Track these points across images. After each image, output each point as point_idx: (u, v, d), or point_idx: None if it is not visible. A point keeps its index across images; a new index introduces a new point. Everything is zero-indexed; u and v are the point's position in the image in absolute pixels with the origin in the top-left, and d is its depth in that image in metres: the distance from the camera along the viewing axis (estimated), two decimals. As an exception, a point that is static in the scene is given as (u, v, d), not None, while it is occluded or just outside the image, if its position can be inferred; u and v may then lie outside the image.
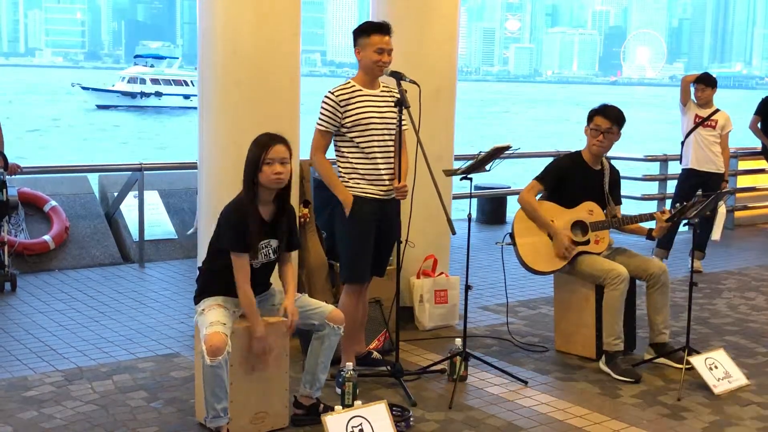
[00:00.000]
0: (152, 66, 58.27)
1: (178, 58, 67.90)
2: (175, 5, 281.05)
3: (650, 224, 5.38)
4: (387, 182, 4.70)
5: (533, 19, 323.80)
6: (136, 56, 63.50)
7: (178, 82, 57.45)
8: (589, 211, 5.31)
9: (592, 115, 5.34)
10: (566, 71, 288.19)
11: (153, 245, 8.06)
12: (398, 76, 4.63)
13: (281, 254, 4.14)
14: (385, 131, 4.67)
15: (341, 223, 4.72)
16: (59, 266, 7.51)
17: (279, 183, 3.96)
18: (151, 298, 6.67)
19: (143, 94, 56.05)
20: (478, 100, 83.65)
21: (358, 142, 4.63)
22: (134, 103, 55.43)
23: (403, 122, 4.65)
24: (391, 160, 4.71)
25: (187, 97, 55.99)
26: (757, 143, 10.02)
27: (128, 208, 8.22)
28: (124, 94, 56.16)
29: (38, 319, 5.98)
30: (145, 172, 7.95)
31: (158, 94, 56.12)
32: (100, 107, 55.24)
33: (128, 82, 56.91)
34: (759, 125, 9.63)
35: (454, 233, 4.54)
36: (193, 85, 57.30)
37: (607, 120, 5.27)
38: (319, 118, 4.66)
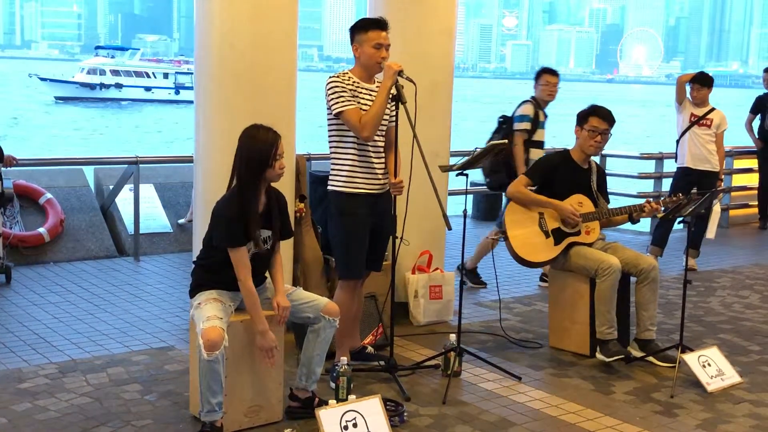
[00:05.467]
0: (113, 57, 56.54)
1: (139, 49, 66.52)
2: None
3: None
4: (380, 177, 4.70)
5: (530, 16, 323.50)
6: (97, 47, 61.57)
7: (139, 74, 55.74)
8: (578, 203, 5.38)
9: (587, 115, 5.39)
10: (563, 68, 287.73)
11: (148, 238, 8.06)
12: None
13: (274, 244, 4.14)
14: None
15: (334, 219, 4.72)
16: (54, 259, 7.51)
17: (281, 176, 4.02)
18: (146, 291, 6.67)
19: (103, 86, 54.23)
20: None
21: (348, 136, 4.62)
22: (94, 95, 53.67)
23: (395, 118, 4.65)
24: (382, 154, 4.71)
25: (148, 89, 54.82)
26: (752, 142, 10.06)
27: (124, 201, 8.21)
28: (83, 85, 54.24)
29: (33, 312, 5.97)
30: (140, 165, 7.95)
31: (118, 86, 54.35)
32: (58, 99, 53.34)
33: (88, 73, 54.94)
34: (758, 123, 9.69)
35: (449, 229, 4.55)
36: (155, 77, 55.89)
37: (604, 121, 5.35)
38: (339, 101, 4.51)
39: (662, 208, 5.35)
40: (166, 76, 57.29)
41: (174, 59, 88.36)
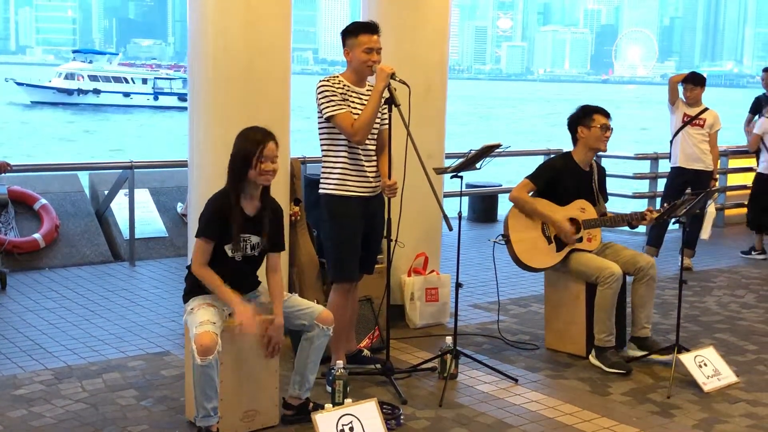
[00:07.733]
0: (91, 62, 55.42)
1: (118, 54, 65.54)
2: (167, 2, 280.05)
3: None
4: (371, 180, 4.69)
5: (525, 18, 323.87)
6: (75, 51, 60.51)
7: (117, 80, 54.52)
8: (581, 209, 5.35)
9: (590, 113, 5.38)
10: (558, 69, 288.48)
11: (143, 243, 8.04)
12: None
13: (267, 256, 4.12)
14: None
15: (326, 222, 4.71)
16: (49, 264, 7.49)
17: (267, 181, 3.98)
18: (142, 296, 6.66)
19: (80, 92, 53.06)
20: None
21: (339, 139, 4.61)
22: (71, 101, 52.48)
23: (386, 121, 4.65)
24: (373, 157, 4.70)
25: (127, 95, 53.77)
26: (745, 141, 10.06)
27: (119, 206, 8.20)
28: (60, 90, 53.05)
29: (28, 318, 5.96)
30: (135, 170, 7.94)
31: (96, 92, 53.20)
32: (34, 104, 52.24)
33: (65, 78, 53.82)
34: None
35: (451, 229, 4.52)
36: (134, 82, 54.67)
37: (607, 118, 5.39)
38: (329, 105, 4.52)
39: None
40: (144, 81, 56.01)
41: (147, 63, 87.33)
